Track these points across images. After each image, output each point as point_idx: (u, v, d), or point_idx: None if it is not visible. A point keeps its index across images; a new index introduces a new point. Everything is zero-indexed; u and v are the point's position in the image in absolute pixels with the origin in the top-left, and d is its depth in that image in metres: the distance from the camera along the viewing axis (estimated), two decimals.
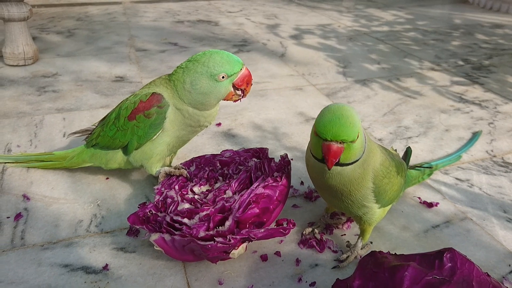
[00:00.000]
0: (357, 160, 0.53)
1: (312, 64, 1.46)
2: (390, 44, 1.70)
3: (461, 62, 1.51)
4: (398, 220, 0.72)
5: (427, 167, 0.79)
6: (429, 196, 0.78)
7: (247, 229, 0.55)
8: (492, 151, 0.94)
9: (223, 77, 0.64)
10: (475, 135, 1.00)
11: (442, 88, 1.28)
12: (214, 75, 0.64)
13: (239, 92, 0.67)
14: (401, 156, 0.76)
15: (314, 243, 0.65)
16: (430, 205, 0.75)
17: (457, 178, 0.84)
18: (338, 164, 0.52)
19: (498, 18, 2.16)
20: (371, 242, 0.66)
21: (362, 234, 0.63)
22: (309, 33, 1.83)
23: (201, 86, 0.64)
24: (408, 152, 0.74)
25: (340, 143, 0.50)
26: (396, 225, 0.71)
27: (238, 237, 0.54)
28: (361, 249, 0.64)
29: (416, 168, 0.77)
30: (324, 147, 0.50)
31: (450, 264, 0.45)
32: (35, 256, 0.62)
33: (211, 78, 0.64)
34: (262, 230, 0.56)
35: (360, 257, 0.63)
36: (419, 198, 0.77)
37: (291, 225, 0.58)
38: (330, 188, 0.57)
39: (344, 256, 0.62)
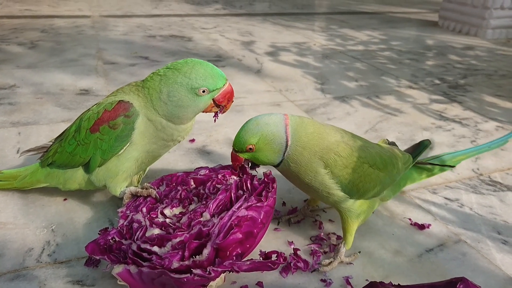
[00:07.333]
0: (280, 163, 0.56)
1: (290, 80, 1.41)
2: (366, 62, 1.69)
3: (437, 81, 1.50)
4: (389, 243, 0.66)
5: (444, 166, 0.73)
6: (419, 217, 0.73)
7: (230, 261, 0.47)
8: (478, 169, 0.91)
9: (203, 92, 0.58)
10: (509, 134, 0.80)
11: (422, 105, 1.26)
12: (194, 88, 0.57)
13: (216, 109, 0.61)
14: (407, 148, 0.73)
15: (299, 265, 0.58)
16: (421, 227, 0.70)
17: (446, 198, 0.79)
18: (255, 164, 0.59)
19: (468, 41, 2.20)
20: (359, 252, 0.63)
21: (344, 237, 0.60)
22: (285, 51, 1.80)
23: (179, 98, 0.58)
24: (421, 144, 0.71)
25: (236, 151, 0.57)
26: (388, 249, 0.65)
27: (219, 269, 0.46)
28: (347, 257, 0.61)
29: (428, 163, 0.73)
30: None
31: None
32: None
33: (191, 91, 0.58)
34: (248, 262, 0.48)
35: (345, 263, 0.60)
36: (410, 219, 0.72)
37: (281, 259, 0.50)
38: (291, 175, 0.58)
39: (327, 261, 0.58)
